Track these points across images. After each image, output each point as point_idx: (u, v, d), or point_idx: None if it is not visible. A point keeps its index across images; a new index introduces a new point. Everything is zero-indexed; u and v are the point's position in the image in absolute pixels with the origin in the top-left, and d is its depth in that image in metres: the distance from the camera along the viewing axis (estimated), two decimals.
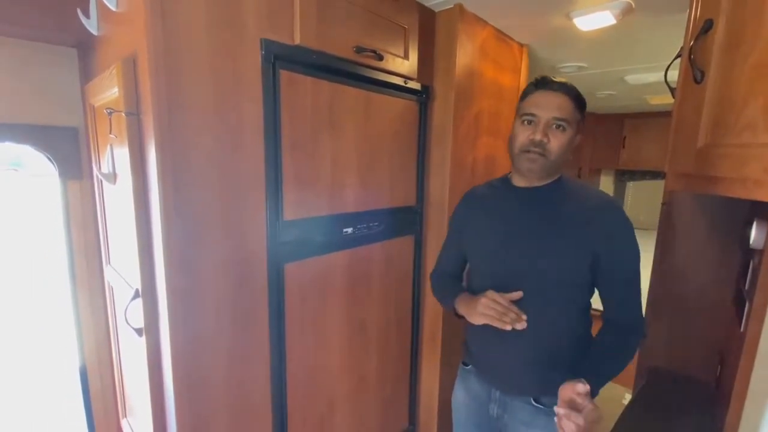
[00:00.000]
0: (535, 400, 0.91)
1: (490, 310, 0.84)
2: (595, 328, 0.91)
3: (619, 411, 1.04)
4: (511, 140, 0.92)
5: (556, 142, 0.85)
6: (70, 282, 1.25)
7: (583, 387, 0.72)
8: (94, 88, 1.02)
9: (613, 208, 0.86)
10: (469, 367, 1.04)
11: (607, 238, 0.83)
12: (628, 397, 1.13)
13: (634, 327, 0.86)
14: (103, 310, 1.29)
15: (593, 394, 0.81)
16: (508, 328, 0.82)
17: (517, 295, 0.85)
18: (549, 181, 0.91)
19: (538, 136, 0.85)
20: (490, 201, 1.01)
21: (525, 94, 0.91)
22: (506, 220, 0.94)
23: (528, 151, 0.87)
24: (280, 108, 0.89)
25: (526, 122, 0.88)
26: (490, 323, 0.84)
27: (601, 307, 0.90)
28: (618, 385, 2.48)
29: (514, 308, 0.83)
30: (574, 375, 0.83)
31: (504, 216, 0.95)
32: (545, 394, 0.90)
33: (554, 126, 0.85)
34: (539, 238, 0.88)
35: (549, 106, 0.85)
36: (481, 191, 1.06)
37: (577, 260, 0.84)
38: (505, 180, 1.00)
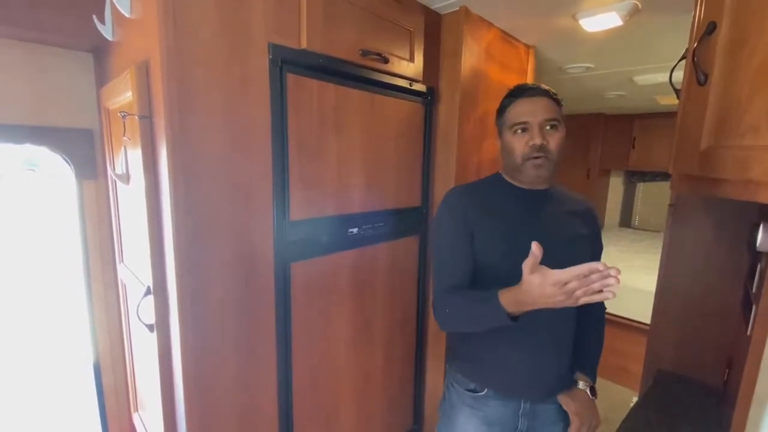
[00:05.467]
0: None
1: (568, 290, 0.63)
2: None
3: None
4: (508, 154, 0.91)
5: (554, 142, 0.87)
6: (84, 279, 1.29)
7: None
8: (108, 92, 1.05)
9: (593, 206, 1.02)
10: (484, 392, 0.93)
11: (596, 232, 0.98)
12: (635, 401, 1.13)
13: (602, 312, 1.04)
14: (116, 307, 1.33)
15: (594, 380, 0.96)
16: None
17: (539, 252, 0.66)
18: (549, 185, 0.95)
19: (537, 141, 0.85)
20: (495, 201, 0.93)
21: (505, 107, 0.92)
22: (521, 221, 0.90)
23: (533, 158, 0.86)
24: (287, 110, 0.91)
25: (519, 131, 0.88)
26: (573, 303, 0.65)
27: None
28: (626, 389, 2.45)
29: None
30: (581, 368, 0.95)
31: (517, 217, 0.91)
32: (563, 388, 0.93)
33: (548, 126, 0.87)
34: (558, 237, 0.89)
35: (537, 111, 0.86)
36: (479, 190, 0.96)
37: (587, 252, 0.93)
38: (500, 181, 0.96)
